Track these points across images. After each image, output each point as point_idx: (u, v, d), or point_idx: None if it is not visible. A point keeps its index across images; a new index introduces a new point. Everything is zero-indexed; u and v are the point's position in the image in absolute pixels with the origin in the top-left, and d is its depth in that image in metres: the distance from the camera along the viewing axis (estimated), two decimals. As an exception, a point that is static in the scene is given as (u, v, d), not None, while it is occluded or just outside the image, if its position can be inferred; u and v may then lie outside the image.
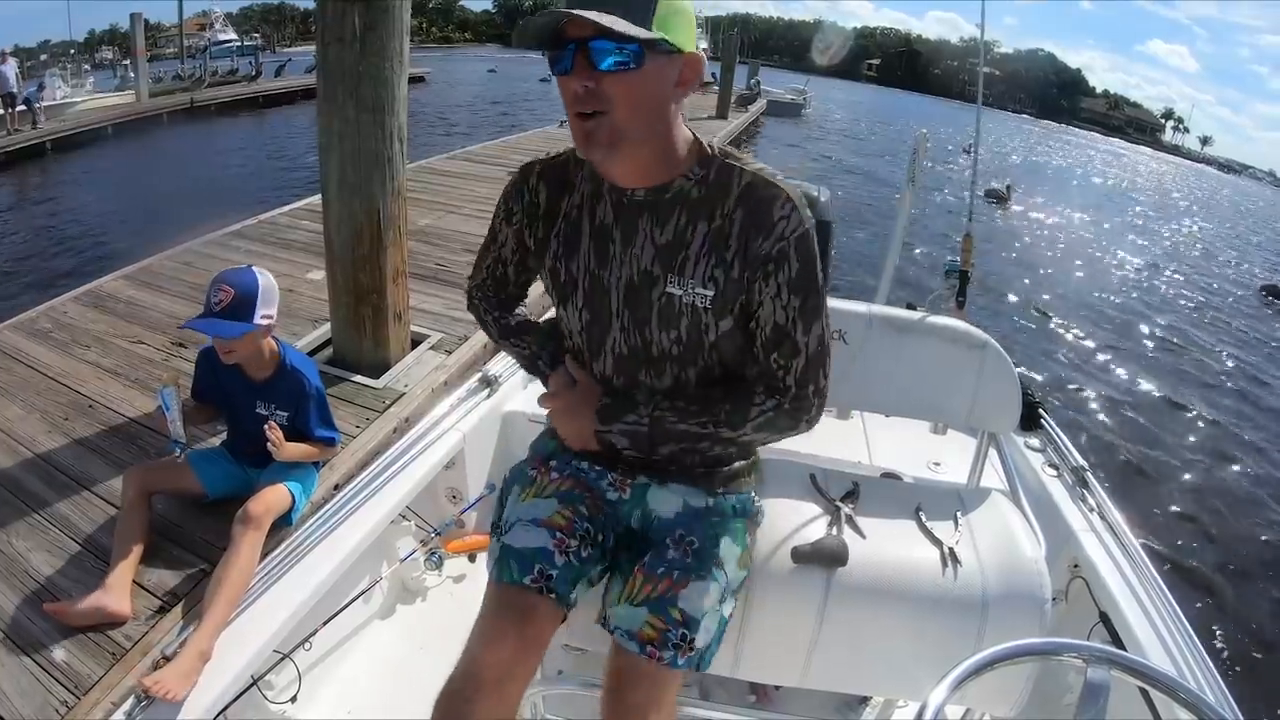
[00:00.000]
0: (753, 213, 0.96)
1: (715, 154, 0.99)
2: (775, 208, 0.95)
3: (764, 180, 0.97)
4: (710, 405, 1.03)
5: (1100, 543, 1.59)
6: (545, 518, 1.08)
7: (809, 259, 0.97)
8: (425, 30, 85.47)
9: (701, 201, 0.98)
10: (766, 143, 18.50)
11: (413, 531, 2.01)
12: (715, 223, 0.98)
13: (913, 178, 2.41)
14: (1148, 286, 11.38)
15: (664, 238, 0.99)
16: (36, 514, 2.28)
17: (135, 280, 4.29)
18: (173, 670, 1.33)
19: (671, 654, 0.98)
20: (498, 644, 1.00)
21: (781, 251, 0.95)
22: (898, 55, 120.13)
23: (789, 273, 0.97)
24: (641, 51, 0.84)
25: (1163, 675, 0.85)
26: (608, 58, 0.84)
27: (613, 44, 0.84)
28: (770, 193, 0.96)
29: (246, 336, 1.87)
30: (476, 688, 0.98)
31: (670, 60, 0.88)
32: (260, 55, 25.19)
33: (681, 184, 0.98)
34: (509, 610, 1.03)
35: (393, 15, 2.72)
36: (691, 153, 0.99)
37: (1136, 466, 5.20)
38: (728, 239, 0.97)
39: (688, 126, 0.99)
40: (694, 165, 0.98)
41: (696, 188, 0.98)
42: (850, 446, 2.14)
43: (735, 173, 0.98)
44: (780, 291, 0.97)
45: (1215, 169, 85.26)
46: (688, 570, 1.03)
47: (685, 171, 0.98)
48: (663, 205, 0.99)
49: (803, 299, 0.98)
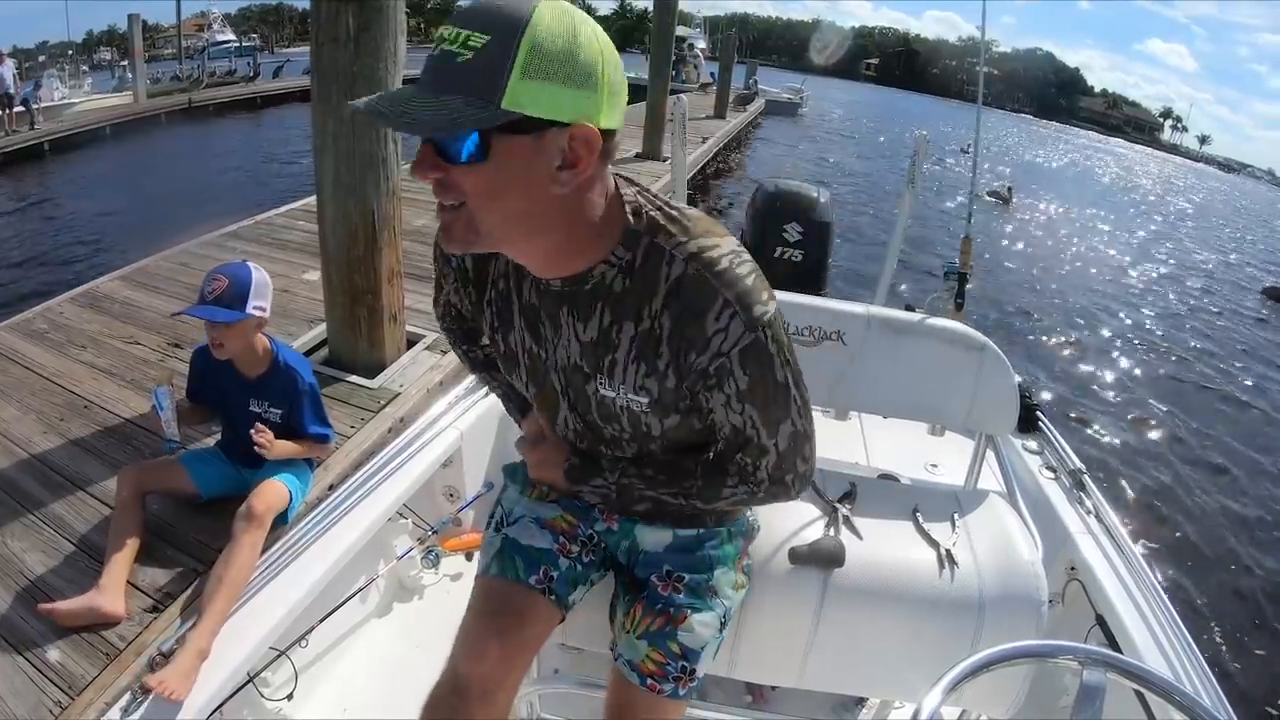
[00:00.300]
0: (682, 322, 0.78)
1: (645, 226, 0.79)
2: (709, 319, 0.76)
3: (696, 277, 0.77)
4: (679, 478, 0.93)
5: (1097, 545, 1.58)
6: (549, 519, 1.08)
7: (762, 368, 0.80)
8: (424, 31, 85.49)
9: (626, 295, 0.80)
10: (763, 145, 18.47)
11: (410, 530, 2.01)
12: (643, 324, 0.80)
13: (913, 180, 2.42)
14: (1148, 289, 11.39)
15: (588, 335, 0.84)
16: (31, 514, 2.27)
17: (131, 281, 4.28)
18: (174, 670, 1.33)
19: (672, 686, 0.99)
20: (481, 655, 1.00)
21: (722, 368, 0.79)
22: (896, 55, 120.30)
23: (736, 387, 0.81)
24: (487, 138, 0.66)
25: (1158, 678, 0.85)
26: (448, 145, 0.68)
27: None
28: (702, 298, 0.76)
29: (239, 325, 1.86)
30: (463, 699, 0.98)
31: (540, 140, 0.67)
32: (258, 56, 25.19)
33: (603, 271, 0.80)
34: (503, 608, 1.03)
35: (387, 15, 2.71)
36: (616, 228, 0.79)
37: (1134, 469, 5.20)
38: (658, 345, 0.80)
39: (620, 178, 0.81)
40: (618, 246, 0.79)
41: (620, 277, 0.80)
42: (848, 447, 2.14)
43: (665, 259, 0.78)
44: (731, 401, 0.82)
45: (1215, 168, 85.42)
46: (681, 605, 1.01)
47: (607, 255, 0.79)
48: (582, 298, 0.82)
49: (761, 408, 0.83)
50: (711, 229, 0.81)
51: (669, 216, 0.81)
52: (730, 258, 0.78)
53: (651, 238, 0.79)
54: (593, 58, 0.67)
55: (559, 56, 0.65)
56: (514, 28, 0.63)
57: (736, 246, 0.81)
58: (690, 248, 0.78)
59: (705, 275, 0.77)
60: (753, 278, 0.78)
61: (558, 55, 0.65)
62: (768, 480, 0.91)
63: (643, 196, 0.82)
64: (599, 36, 0.68)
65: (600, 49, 0.67)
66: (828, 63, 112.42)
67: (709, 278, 0.77)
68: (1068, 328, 8.29)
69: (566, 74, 0.65)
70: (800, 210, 2.43)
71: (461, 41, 0.64)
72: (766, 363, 0.80)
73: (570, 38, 0.65)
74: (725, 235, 0.81)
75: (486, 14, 0.64)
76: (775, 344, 0.80)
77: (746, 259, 0.80)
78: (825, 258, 2.47)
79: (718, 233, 0.81)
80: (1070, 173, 31.11)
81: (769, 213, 2.45)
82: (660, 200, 0.83)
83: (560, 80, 0.65)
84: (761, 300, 0.78)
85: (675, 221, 0.80)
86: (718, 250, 0.78)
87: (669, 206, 0.82)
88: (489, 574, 1.06)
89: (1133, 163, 52.59)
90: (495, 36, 0.63)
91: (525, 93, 0.64)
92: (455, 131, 0.66)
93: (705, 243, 0.79)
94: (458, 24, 0.65)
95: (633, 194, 0.82)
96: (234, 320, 1.84)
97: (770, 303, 0.79)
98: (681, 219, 0.81)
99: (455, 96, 0.64)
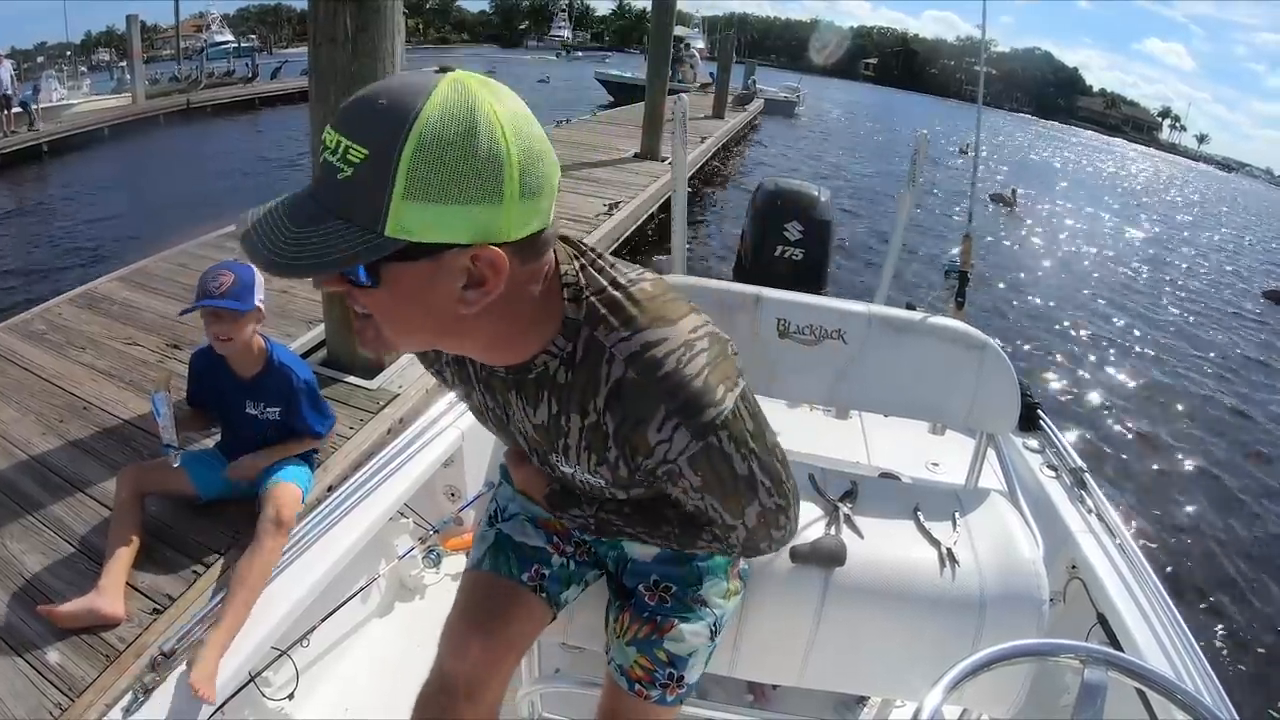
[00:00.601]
0: (625, 428, 0.72)
1: (584, 316, 0.71)
2: (650, 430, 0.70)
3: (635, 383, 0.69)
4: (657, 524, 0.88)
5: (1098, 544, 1.58)
6: (544, 518, 1.08)
7: (716, 468, 0.73)
8: (422, 31, 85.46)
9: (570, 387, 0.73)
10: (758, 148, 18.40)
11: (411, 529, 2.01)
12: (588, 418, 0.74)
13: (913, 178, 2.42)
14: (1149, 288, 11.38)
15: (538, 419, 0.78)
16: (30, 515, 2.27)
17: (130, 282, 4.28)
18: (201, 672, 1.33)
19: (660, 693, 0.99)
20: (464, 653, 1.01)
21: (672, 471, 0.73)
22: (895, 54, 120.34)
23: (690, 484, 0.75)
24: (374, 267, 0.58)
25: (1160, 677, 0.85)
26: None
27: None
28: (642, 408, 0.70)
29: (247, 316, 1.90)
30: (450, 696, 0.99)
31: (437, 263, 0.58)
32: (257, 57, 25.21)
33: (545, 362, 0.73)
34: (490, 604, 1.04)
35: (384, 16, 2.72)
36: (555, 316, 0.71)
37: (1135, 468, 5.21)
38: (605, 440, 0.74)
39: (563, 247, 0.73)
40: (558, 336, 0.72)
41: (562, 369, 0.73)
42: (849, 446, 2.14)
43: (605, 357, 0.70)
44: (689, 491, 0.76)
45: (1214, 167, 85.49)
46: (669, 614, 1.01)
47: (547, 346, 0.72)
48: (527, 385, 0.76)
49: (721, 499, 0.77)
50: (662, 313, 0.71)
51: (612, 303, 0.71)
52: (678, 355, 0.69)
53: (591, 330, 0.71)
54: (493, 165, 0.56)
55: (449, 170, 0.55)
56: (394, 139, 0.54)
57: (690, 333, 0.71)
58: (632, 346, 0.69)
59: (645, 383, 0.69)
60: (703, 377, 0.69)
61: (447, 169, 0.55)
62: (740, 546, 0.87)
63: (585, 274, 0.72)
64: (506, 133, 0.57)
65: (506, 149, 0.56)
66: (827, 63, 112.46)
67: (649, 385, 0.69)
68: (1068, 327, 8.29)
69: (459, 190, 0.55)
70: (801, 209, 2.42)
71: (341, 154, 0.55)
72: (722, 462, 0.73)
73: (464, 144, 0.55)
74: (678, 319, 0.72)
75: (365, 119, 0.55)
76: (733, 442, 0.72)
77: (699, 349, 0.70)
78: (826, 256, 2.46)
79: (669, 317, 0.71)
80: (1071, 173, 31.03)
81: (769, 211, 2.44)
82: (606, 276, 0.73)
83: (451, 199, 0.55)
84: (713, 402, 0.69)
85: (619, 309, 0.71)
86: (663, 348, 0.69)
87: (614, 286, 0.72)
88: (481, 568, 1.06)
89: (1132, 162, 52.61)
90: (372, 152, 0.54)
91: (410, 217, 0.55)
92: (331, 271, 0.58)
93: (650, 337, 0.69)
94: (338, 129, 0.56)
95: (574, 272, 0.72)
96: (248, 310, 1.89)
97: (726, 398, 0.70)
98: (626, 305, 0.71)
99: (334, 222, 0.56)
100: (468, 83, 0.57)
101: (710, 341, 0.72)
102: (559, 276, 0.71)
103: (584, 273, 0.72)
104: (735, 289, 1.46)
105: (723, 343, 0.74)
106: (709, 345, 0.72)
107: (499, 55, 52.77)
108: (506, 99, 0.59)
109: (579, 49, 75.86)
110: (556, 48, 75.45)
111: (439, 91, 0.55)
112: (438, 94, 0.55)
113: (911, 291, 6.56)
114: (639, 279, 0.74)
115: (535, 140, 0.59)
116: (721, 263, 7.68)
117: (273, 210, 0.59)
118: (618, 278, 0.73)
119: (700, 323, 0.74)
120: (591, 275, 0.73)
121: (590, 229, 5.94)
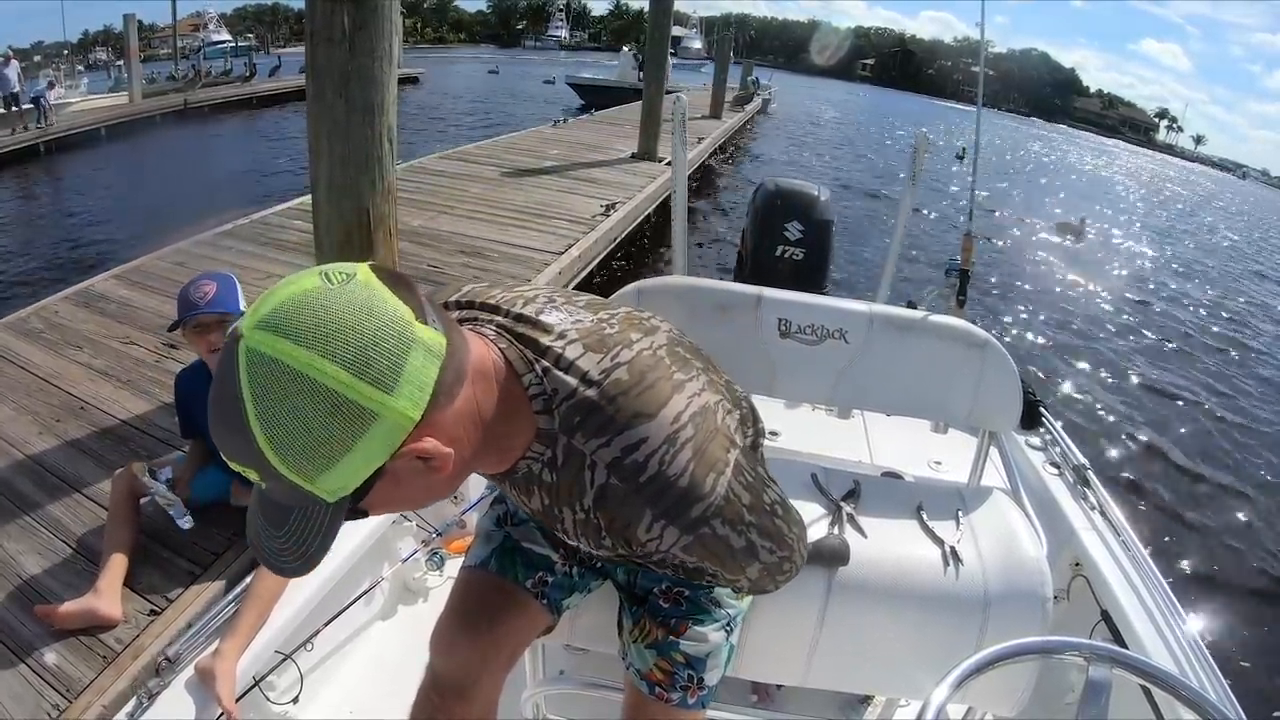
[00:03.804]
0: (615, 528, 0.71)
1: (559, 425, 0.68)
2: (639, 531, 0.69)
3: (620, 490, 0.68)
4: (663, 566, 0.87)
5: (1101, 541, 1.58)
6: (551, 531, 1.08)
7: (710, 550, 0.72)
8: (419, 31, 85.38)
9: (557, 487, 0.72)
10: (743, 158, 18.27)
11: (414, 532, 2.00)
12: (579, 515, 0.73)
13: (914, 177, 2.41)
14: (1153, 287, 11.39)
15: (534, 505, 0.78)
16: (27, 516, 2.26)
17: (127, 280, 4.27)
18: (224, 689, 1.32)
19: (680, 695, 0.98)
20: (450, 650, 1.02)
21: (666, 559, 0.73)
22: (892, 55, 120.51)
23: (689, 567, 0.75)
24: (354, 512, 0.60)
25: (1165, 673, 0.85)
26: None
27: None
28: (629, 513, 0.68)
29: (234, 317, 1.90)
30: (440, 695, 1.01)
31: (390, 475, 0.58)
32: (254, 56, 25.16)
33: (529, 466, 0.72)
34: (481, 604, 1.04)
35: (382, 15, 2.71)
36: (527, 428, 0.69)
37: (1138, 465, 5.20)
38: (600, 532, 0.73)
39: (515, 351, 0.69)
40: (534, 444, 0.70)
41: (547, 470, 0.72)
42: (851, 445, 2.13)
43: (586, 464, 0.68)
44: (687, 565, 0.75)
45: (1211, 169, 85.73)
46: (684, 616, 1.01)
47: (525, 453, 0.71)
48: (517, 482, 0.76)
49: (722, 566, 0.75)
50: (639, 409, 0.68)
51: (586, 406, 0.67)
52: (660, 455, 0.67)
53: (569, 438, 0.68)
54: (340, 412, 0.52)
55: (314, 444, 0.53)
56: (256, 455, 0.53)
57: (672, 424, 0.68)
58: (613, 451, 0.67)
59: (628, 490, 0.67)
60: (688, 474, 0.67)
61: (313, 444, 0.53)
62: (748, 589, 0.87)
63: (549, 379, 0.68)
64: (327, 371, 0.52)
65: (338, 386, 0.52)
66: (828, 64, 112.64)
67: (632, 493, 0.67)
68: (1069, 326, 8.30)
69: (337, 446, 0.53)
70: (801, 209, 2.42)
71: (250, 476, 0.57)
72: (717, 543, 0.71)
73: (304, 418, 0.52)
74: (658, 410, 0.69)
75: (227, 443, 0.55)
76: (726, 525, 0.70)
77: (683, 440, 0.68)
78: (826, 256, 2.46)
79: (647, 411, 0.68)
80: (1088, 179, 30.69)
81: (770, 211, 2.44)
82: (575, 374, 0.69)
83: (338, 457, 0.53)
84: (700, 497, 0.68)
85: (594, 413, 0.67)
86: (644, 450, 0.67)
87: (585, 385, 0.68)
88: (486, 568, 1.06)
89: (1138, 166, 52.69)
90: (257, 468, 0.55)
91: (329, 483, 0.55)
92: (332, 538, 0.60)
93: (630, 439, 0.67)
94: (228, 458, 0.57)
95: (537, 381, 0.68)
96: (237, 313, 1.89)
97: (716, 487, 0.69)
98: (602, 407, 0.67)
99: (295, 514, 0.58)
100: (255, 344, 0.52)
101: (696, 426, 0.70)
102: (521, 390, 0.68)
103: (548, 378, 0.68)
104: (736, 289, 1.46)
105: (711, 417, 0.72)
106: (694, 432, 0.69)
107: (498, 55, 52.73)
108: (303, 328, 0.52)
109: (578, 48, 75.87)
110: (554, 47, 75.46)
111: (242, 374, 0.52)
112: (243, 378, 0.52)
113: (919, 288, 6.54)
114: (615, 363, 0.70)
115: (352, 343, 0.53)
116: (720, 263, 7.69)
117: (257, 519, 0.61)
118: (588, 372, 0.69)
119: (683, 406, 0.70)
120: (557, 379, 0.68)
121: (588, 229, 5.93)
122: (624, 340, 0.73)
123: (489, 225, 5.94)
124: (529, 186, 7.40)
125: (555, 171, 8.22)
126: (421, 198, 6.50)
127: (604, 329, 0.74)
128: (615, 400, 0.68)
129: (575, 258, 5.35)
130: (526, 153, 9.31)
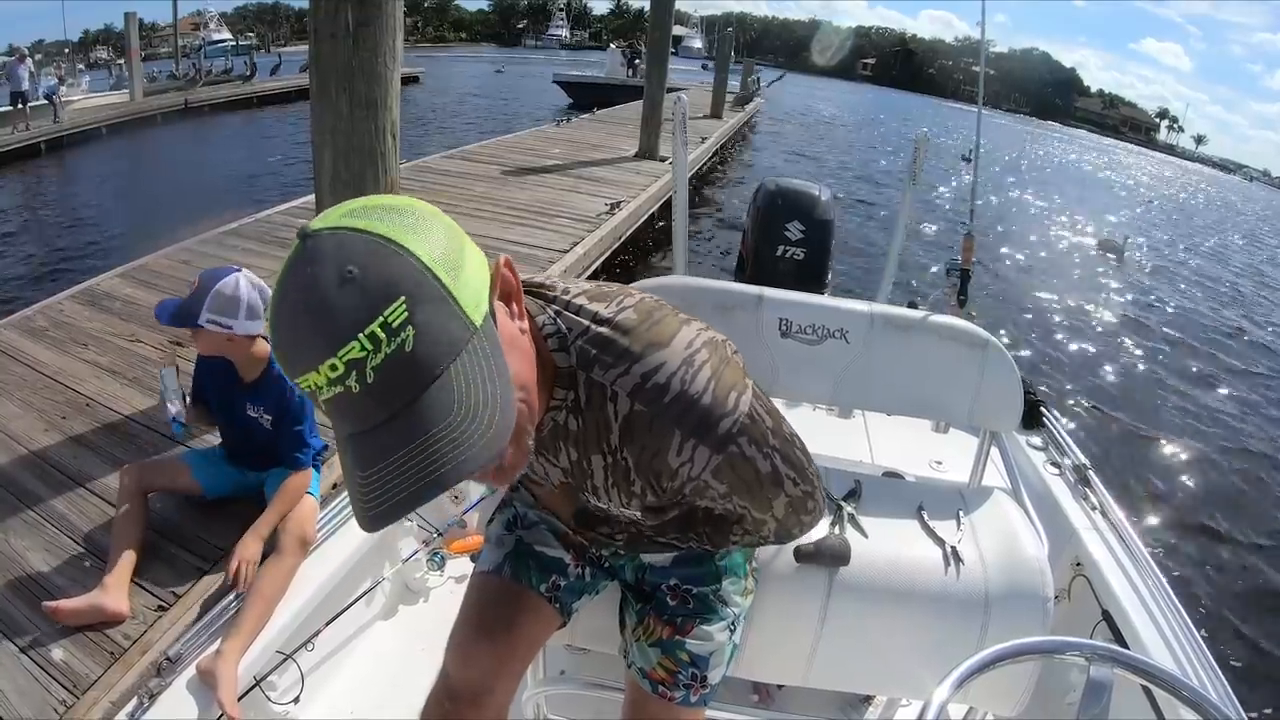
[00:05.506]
0: (644, 459, 0.73)
1: (577, 361, 0.71)
2: (670, 456, 0.71)
3: (645, 415, 0.69)
4: (688, 528, 0.91)
5: (1102, 541, 1.59)
6: (562, 530, 1.08)
7: (740, 473, 0.73)
8: (420, 30, 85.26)
9: (583, 433, 0.74)
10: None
11: (414, 532, 2.01)
12: (608, 458, 0.75)
13: (914, 177, 2.42)
14: (1154, 286, 11.37)
15: (562, 463, 0.80)
16: (33, 512, 2.27)
17: (132, 278, 4.28)
18: (225, 690, 1.32)
19: (683, 694, 0.99)
20: (472, 660, 1.01)
21: (699, 487, 0.74)
22: (893, 55, 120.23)
23: (718, 492, 0.76)
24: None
25: (1166, 673, 0.85)
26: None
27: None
28: (657, 437, 0.70)
29: (200, 333, 1.80)
30: (455, 703, 1.00)
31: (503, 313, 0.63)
32: (255, 55, 25.12)
33: (554, 417, 0.74)
34: (501, 611, 1.04)
35: (385, 11, 2.72)
36: (548, 369, 0.71)
37: (1139, 465, 5.20)
38: (628, 474, 0.76)
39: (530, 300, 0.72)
40: (556, 388, 0.72)
41: (571, 417, 0.73)
42: (852, 445, 2.14)
43: (608, 396, 0.70)
44: (717, 499, 0.78)
45: (1213, 169, 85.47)
46: (691, 615, 1.02)
47: (548, 401, 0.72)
48: (545, 442, 0.78)
49: (750, 498, 0.78)
50: (652, 338, 0.70)
51: (600, 341, 0.70)
52: (680, 375, 0.69)
53: (588, 373, 0.70)
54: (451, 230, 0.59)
55: (446, 234, 0.57)
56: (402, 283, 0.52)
57: (686, 349, 0.71)
58: (633, 379, 0.69)
59: (654, 413, 0.69)
60: (710, 391, 0.69)
61: (442, 237, 0.57)
62: (773, 535, 0.90)
63: (563, 319, 0.71)
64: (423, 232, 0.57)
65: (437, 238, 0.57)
66: (829, 64, 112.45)
67: (658, 414, 0.69)
68: (1070, 324, 8.29)
69: (457, 237, 0.58)
70: (802, 209, 2.43)
71: (358, 359, 0.51)
72: (745, 466, 0.73)
73: (430, 227, 0.56)
74: (670, 339, 0.71)
75: (347, 316, 0.52)
76: (753, 444, 0.72)
77: (700, 363, 0.70)
78: (827, 256, 2.47)
79: (660, 340, 0.71)
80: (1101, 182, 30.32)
81: (770, 211, 2.45)
82: (585, 315, 0.72)
83: (460, 244, 0.58)
84: (726, 412, 0.70)
85: (609, 346, 0.70)
86: (663, 372, 0.69)
87: (597, 323, 0.71)
88: (501, 573, 1.06)
89: (1141, 169, 52.51)
90: (383, 329, 0.51)
91: (469, 282, 0.57)
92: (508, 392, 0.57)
93: (648, 365, 0.69)
94: (318, 360, 0.52)
95: (551, 322, 0.71)
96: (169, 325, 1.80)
97: (739, 404, 0.70)
98: (615, 339, 0.70)
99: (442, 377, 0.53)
100: (337, 225, 0.58)
101: (709, 351, 0.72)
102: (538, 330, 0.70)
103: (561, 318, 0.72)
104: (737, 289, 1.47)
105: (722, 347, 0.74)
106: (709, 356, 0.71)
107: (499, 54, 52.64)
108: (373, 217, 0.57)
109: (579, 47, 75.76)
110: (554, 46, 75.33)
111: (340, 248, 0.56)
112: (344, 246, 0.56)
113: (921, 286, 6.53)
114: (620, 307, 0.73)
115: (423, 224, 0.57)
116: (720, 264, 7.69)
117: (396, 465, 0.52)
118: (599, 312, 0.72)
119: (693, 335, 0.73)
120: (570, 319, 0.72)
121: (592, 227, 5.94)
122: (625, 293, 0.77)
123: (493, 223, 5.94)
124: (532, 185, 7.40)
125: (558, 170, 8.22)
126: (426, 196, 6.32)
127: (603, 288, 0.78)
128: (628, 333, 0.71)
129: (580, 256, 5.37)
130: (529, 152, 9.31)
